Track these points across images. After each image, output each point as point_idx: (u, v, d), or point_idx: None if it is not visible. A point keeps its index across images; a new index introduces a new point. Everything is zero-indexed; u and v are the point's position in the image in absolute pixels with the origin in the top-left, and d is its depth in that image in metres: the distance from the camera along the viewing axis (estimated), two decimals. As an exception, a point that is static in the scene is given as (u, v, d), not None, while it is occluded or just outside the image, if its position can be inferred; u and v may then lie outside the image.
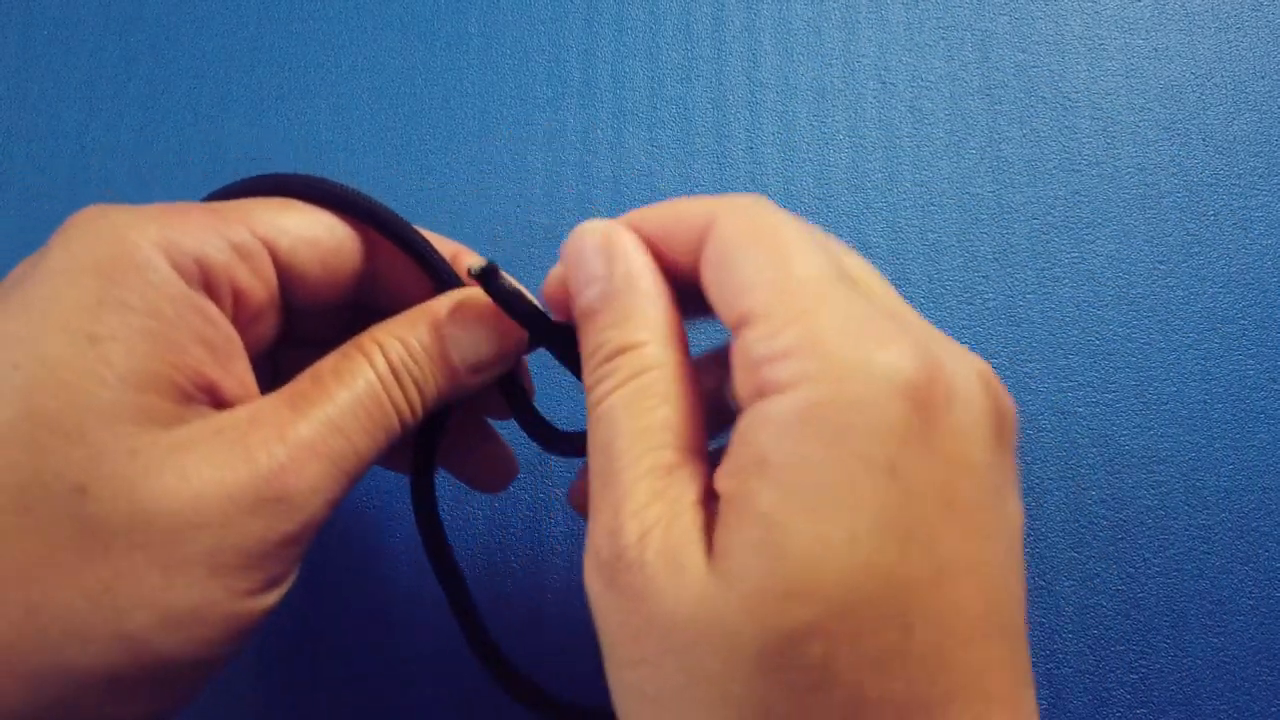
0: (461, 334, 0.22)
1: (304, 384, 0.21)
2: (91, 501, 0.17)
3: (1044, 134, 0.37)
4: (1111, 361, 0.34)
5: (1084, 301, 0.35)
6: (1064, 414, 0.33)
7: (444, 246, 0.24)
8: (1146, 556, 0.32)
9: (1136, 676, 0.31)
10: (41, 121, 0.37)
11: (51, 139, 0.37)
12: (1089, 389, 0.34)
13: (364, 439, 0.21)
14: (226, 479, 0.18)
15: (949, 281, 0.35)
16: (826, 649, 0.16)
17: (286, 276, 0.22)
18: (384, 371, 0.21)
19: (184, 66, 0.38)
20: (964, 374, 0.18)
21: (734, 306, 0.19)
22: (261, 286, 0.21)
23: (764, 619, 0.16)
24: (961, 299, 0.35)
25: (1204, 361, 0.34)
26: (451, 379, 0.23)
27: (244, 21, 0.38)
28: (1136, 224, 0.36)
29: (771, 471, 0.17)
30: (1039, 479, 0.33)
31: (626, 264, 0.20)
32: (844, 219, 0.36)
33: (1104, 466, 0.33)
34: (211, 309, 0.20)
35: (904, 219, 0.36)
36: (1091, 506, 0.33)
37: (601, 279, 0.20)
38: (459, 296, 0.23)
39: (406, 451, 0.25)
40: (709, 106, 0.37)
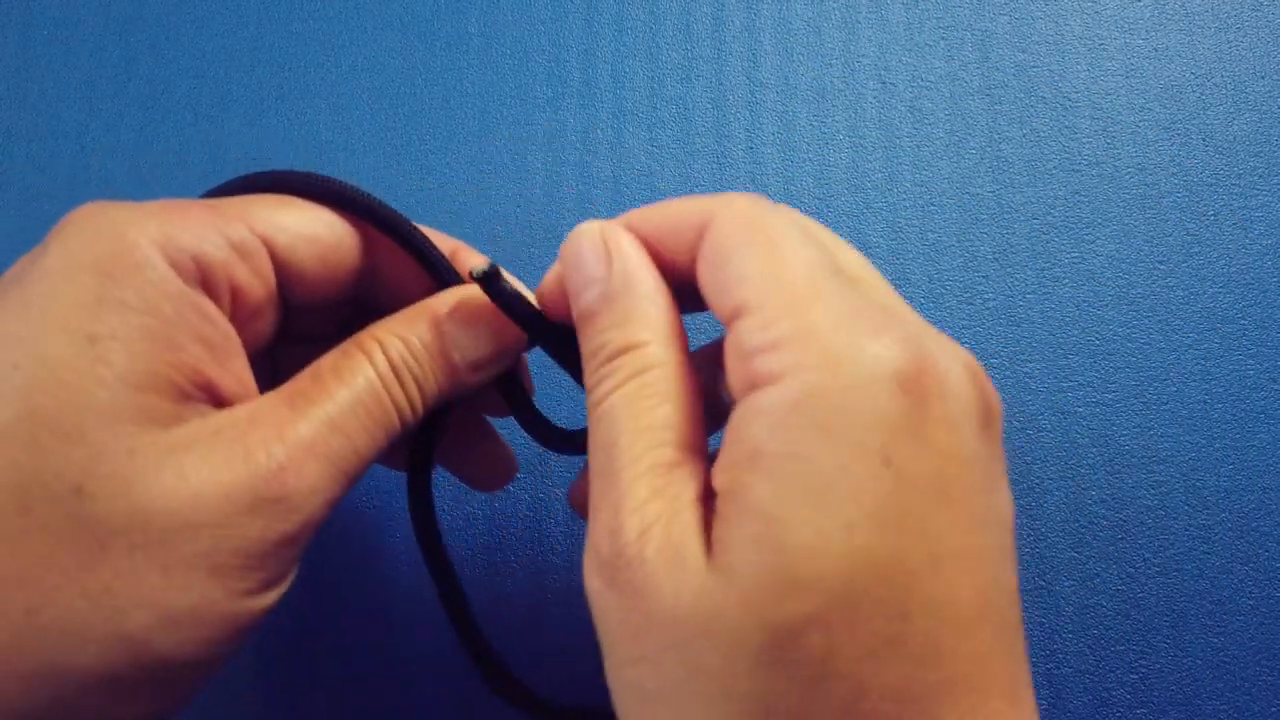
0: (462, 332, 0.22)
1: (304, 383, 0.21)
2: (90, 501, 0.17)
3: (1044, 134, 0.37)
4: (1111, 361, 0.34)
5: (1084, 301, 0.35)
6: (1064, 414, 0.33)
7: (443, 243, 0.24)
8: (1146, 556, 0.32)
9: (1136, 676, 0.31)
10: (41, 121, 0.37)
11: (51, 139, 0.37)
12: (1089, 389, 0.34)
13: (364, 438, 0.21)
14: (225, 479, 0.18)
15: (949, 281, 0.35)
16: (826, 640, 0.16)
17: (285, 273, 0.22)
18: (384, 369, 0.21)
19: (184, 66, 0.38)
20: (952, 366, 0.18)
21: (728, 301, 0.19)
22: (260, 284, 0.21)
23: (763, 612, 0.16)
24: (961, 299, 0.35)
25: (1204, 361, 0.34)
26: (452, 377, 0.23)
27: (244, 21, 0.38)
28: (1136, 224, 0.36)
29: (765, 463, 0.17)
30: (1039, 479, 0.33)
31: (624, 264, 0.20)
32: (844, 219, 0.36)
33: (1104, 466, 0.33)
34: (209, 307, 0.20)
35: (904, 219, 0.36)
36: (1091, 506, 0.33)
37: (600, 280, 0.20)
38: (459, 294, 0.23)
39: (405, 449, 0.25)
40: (709, 106, 0.37)
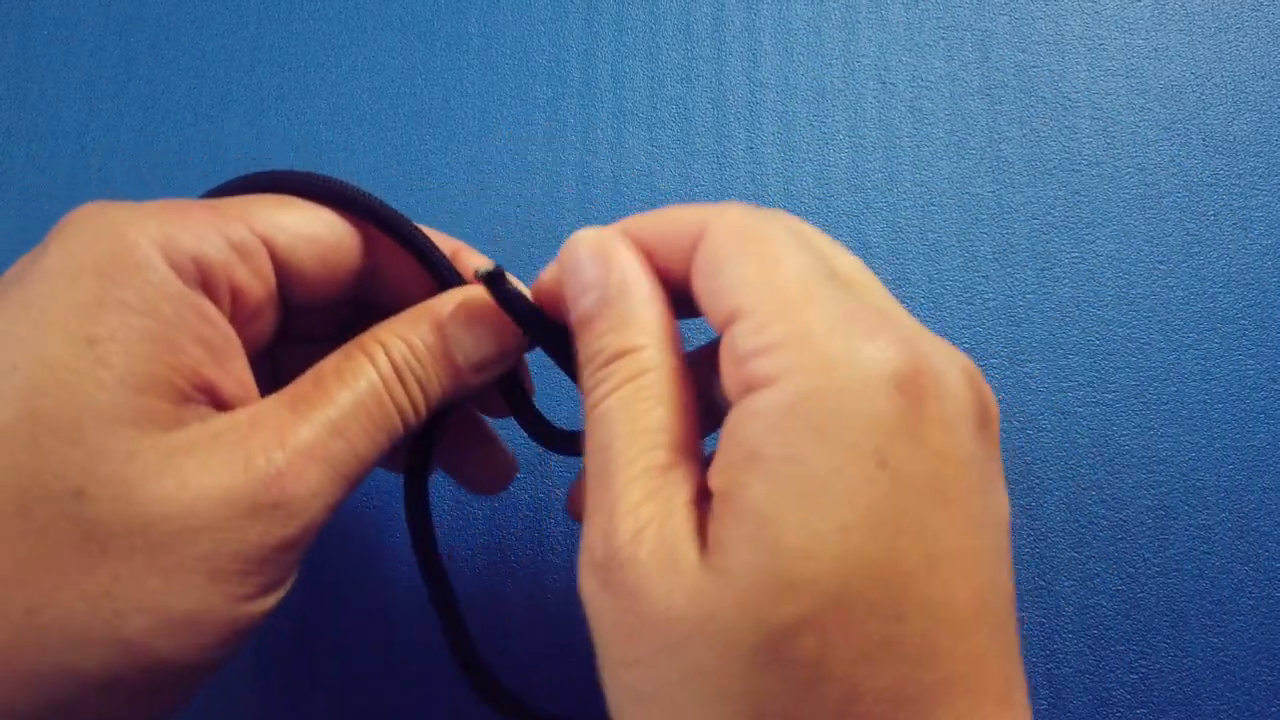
0: (465, 333, 0.22)
1: (305, 385, 0.21)
2: (90, 504, 0.17)
3: (1044, 134, 0.37)
4: (1111, 361, 0.34)
5: (1084, 301, 0.35)
6: (1064, 414, 0.33)
7: (444, 243, 0.24)
8: (1146, 556, 0.32)
9: (1136, 676, 0.31)
10: (41, 121, 0.37)
11: (51, 139, 0.37)
12: (1089, 389, 0.34)
13: (366, 442, 0.21)
14: (224, 483, 0.18)
15: (949, 281, 0.35)
16: (820, 641, 0.16)
17: (285, 274, 0.22)
18: (387, 371, 0.21)
19: (184, 66, 0.38)
20: (948, 368, 0.18)
21: (722, 307, 0.19)
22: (260, 284, 0.21)
23: (758, 613, 0.16)
24: (961, 299, 0.35)
25: (1204, 361, 0.34)
26: (455, 378, 0.22)
27: (244, 21, 0.38)
28: (1136, 224, 0.36)
29: (761, 465, 0.17)
30: (1039, 479, 0.33)
31: (621, 271, 0.20)
32: (844, 219, 0.36)
33: (1104, 466, 0.33)
34: (209, 308, 0.20)
35: (904, 219, 0.36)
36: (1091, 506, 0.33)
37: (597, 286, 0.20)
38: (461, 295, 0.23)
39: (404, 452, 0.25)
40: (709, 106, 0.37)
